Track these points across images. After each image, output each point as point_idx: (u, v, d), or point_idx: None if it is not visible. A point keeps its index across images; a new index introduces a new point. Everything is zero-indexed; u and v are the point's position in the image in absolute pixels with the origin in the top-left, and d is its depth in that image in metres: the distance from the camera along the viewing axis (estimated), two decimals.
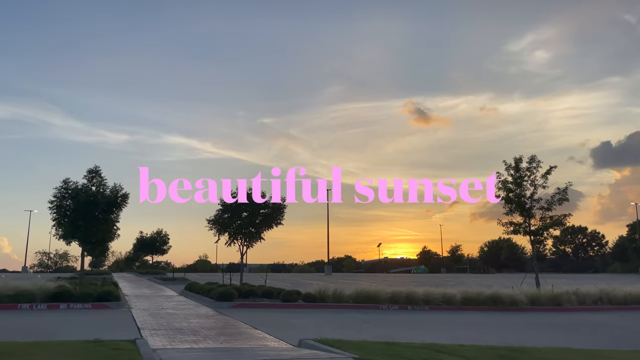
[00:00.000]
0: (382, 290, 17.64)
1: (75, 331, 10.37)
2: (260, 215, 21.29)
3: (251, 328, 11.33)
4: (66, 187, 20.64)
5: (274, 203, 21.22)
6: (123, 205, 21.17)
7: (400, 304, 17.21)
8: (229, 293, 16.60)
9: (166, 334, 10.18)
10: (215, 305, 16.15)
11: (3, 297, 14.32)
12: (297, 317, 13.97)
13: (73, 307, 14.89)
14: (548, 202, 21.92)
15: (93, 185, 20.87)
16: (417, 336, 10.34)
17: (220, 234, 21.71)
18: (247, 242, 21.56)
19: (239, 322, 12.41)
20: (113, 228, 22.23)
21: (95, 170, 21.04)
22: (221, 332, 10.62)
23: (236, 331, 10.88)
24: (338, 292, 17.14)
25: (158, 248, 53.10)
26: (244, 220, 21.28)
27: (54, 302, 14.87)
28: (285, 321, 13.00)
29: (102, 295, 15.67)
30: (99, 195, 20.44)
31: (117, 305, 15.52)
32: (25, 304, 14.39)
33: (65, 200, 20.50)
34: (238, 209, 21.29)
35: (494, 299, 17.91)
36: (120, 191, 21.07)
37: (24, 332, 10.10)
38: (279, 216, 21.38)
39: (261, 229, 21.40)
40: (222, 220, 21.57)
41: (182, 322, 12.21)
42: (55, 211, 20.38)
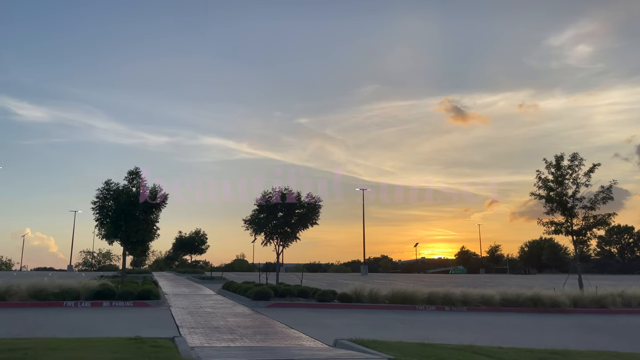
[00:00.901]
0: (418, 290, 17.45)
1: (117, 328, 10.68)
2: (295, 215, 21.39)
3: (287, 327, 11.40)
4: (108, 188, 21.23)
5: (309, 203, 21.29)
6: (162, 205, 21.62)
7: (437, 304, 16.99)
8: (265, 292, 16.76)
9: (204, 332, 10.36)
10: (251, 304, 16.34)
11: (49, 294, 14.89)
12: (333, 317, 13.97)
13: (115, 305, 15.34)
14: (591, 201, 21.23)
15: (133, 186, 21.39)
16: (454, 337, 10.18)
17: (257, 233, 21.93)
18: (282, 241, 21.70)
19: (274, 321, 12.51)
20: (153, 228, 22.71)
21: (135, 171, 21.57)
22: (257, 331, 10.73)
23: (272, 330, 10.97)
24: (374, 293, 17.06)
25: (196, 247, 54.15)
26: (279, 220, 21.42)
27: (97, 300, 15.36)
28: (320, 321, 13.02)
29: (142, 293, 16.08)
30: (139, 196, 20.94)
31: (156, 303, 15.89)
32: (70, 301, 14.92)
33: (107, 201, 21.09)
34: (274, 209, 21.46)
35: (534, 300, 17.46)
36: (159, 192, 21.52)
37: (69, 328, 10.47)
38: (314, 216, 21.43)
39: (296, 229, 21.51)
40: (258, 220, 21.77)
41: (220, 320, 12.40)
42: (98, 212, 21.00)
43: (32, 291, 14.84)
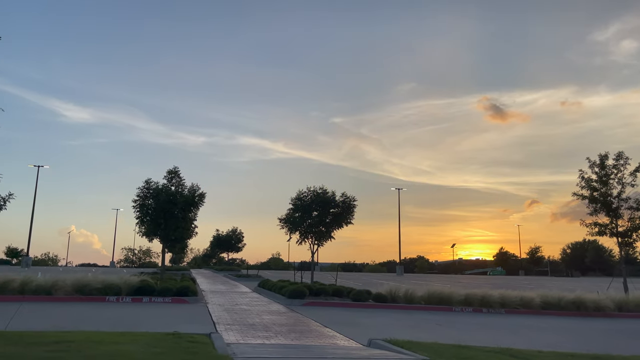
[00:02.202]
0: (455, 291, 17.20)
1: (156, 323, 10.96)
2: (330, 214, 21.44)
3: (321, 326, 11.44)
4: (148, 187, 21.82)
5: (343, 202, 21.29)
6: (200, 204, 22.05)
7: (475, 306, 16.70)
8: (300, 291, 16.86)
9: (239, 329, 10.51)
10: (287, 302, 16.47)
11: (93, 289, 15.41)
12: (367, 317, 13.94)
13: (154, 300, 15.74)
14: (637, 202, 20.44)
15: (172, 185, 21.92)
16: (491, 340, 9.99)
17: (292, 232, 22.08)
18: (317, 241, 21.78)
19: (309, 319, 12.57)
20: (191, 226, 23.20)
21: (174, 171, 22.09)
22: (292, 329, 10.81)
23: (307, 329, 11.03)
24: (409, 293, 16.92)
25: (233, 246, 54.89)
26: (314, 220, 21.51)
27: (138, 296, 15.79)
28: (355, 320, 13.01)
29: (180, 290, 16.44)
30: (177, 194, 21.43)
31: (194, 300, 16.22)
32: (112, 296, 15.40)
33: (147, 200, 21.67)
34: (308, 208, 21.56)
35: (576, 303, 16.95)
36: (197, 191, 21.97)
37: (111, 322, 10.81)
38: (349, 215, 21.42)
39: (331, 228, 21.55)
40: (293, 219, 21.92)
41: (255, 318, 12.56)
42: (139, 210, 21.60)
43: (77, 286, 15.39)
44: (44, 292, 15.01)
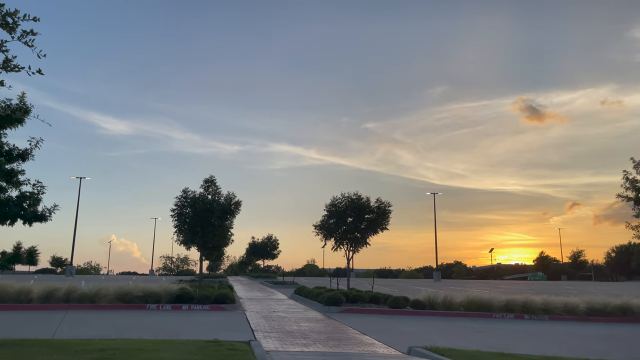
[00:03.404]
0: (495, 297, 16.82)
1: (196, 331, 11.12)
2: (365, 220, 21.33)
3: (359, 333, 11.37)
4: (185, 196, 22.18)
5: (378, 208, 21.15)
6: (236, 212, 22.28)
7: (516, 312, 16.29)
8: (337, 298, 16.80)
9: (278, 337, 10.54)
10: (323, 309, 16.45)
11: (134, 297, 15.77)
12: (406, 324, 13.76)
13: (193, 308, 15.97)
14: None
15: (209, 194, 22.22)
16: (534, 348, 9.71)
17: (327, 239, 22.06)
18: (352, 247, 21.68)
19: (347, 327, 12.51)
20: (228, 234, 23.46)
21: (210, 179, 22.41)
22: (330, 337, 10.78)
23: (345, 336, 10.98)
24: (448, 300, 16.63)
25: (268, 253, 55.32)
26: (349, 226, 21.44)
27: (177, 303, 16.06)
28: (393, 327, 12.87)
29: (218, 297, 16.64)
30: (214, 203, 21.72)
31: (232, 307, 16.38)
32: (152, 304, 15.71)
33: (184, 209, 22.03)
34: (343, 214, 21.51)
35: (623, 309, 16.32)
36: (233, 199, 22.21)
37: (152, 330, 11.03)
38: (384, 221, 21.26)
39: (366, 234, 21.42)
40: (328, 226, 21.89)
41: (293, 325, 12.58)
42: (177, 219, 21.98)
43: (119, 294, 15.78)
44: (88, 300, 15.46)
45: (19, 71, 4.98)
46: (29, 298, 15.04)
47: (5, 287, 15.04)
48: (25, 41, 5.07)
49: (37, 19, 4.77)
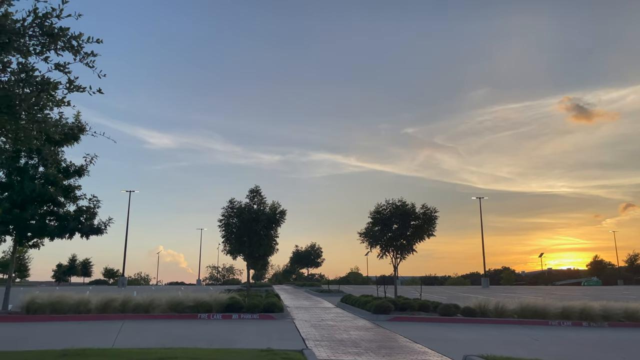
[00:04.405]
0: (550, 304, 16.26)
1: (249, 340, 11.24)
2: (410, 227, 21.08)
3: (411, 342, 11.21)
4: (232, 206, 22.57)
5: (424, 214, 20.87)
6: (281, 221, 22.48)
7: (573, 319, 15.69)
8: (385, 306, 16.65)
9: (329, 345, 10.53)
10: (372, 317, 16.32)
11: (186, 307, 16.12)
12: (457, 332, 13.48)
13: (243, 317, 16.17)
14: None
15: (254, 203, 22.53)
16: (596, 356, 9.31)
17: (372, 246, 21.92)
18: (399, 254, 21.45)
19: (397, 335, 12.36)
20: (273, 243, 23.70)
21: (255, 189, 22.73)
22: (382, 345, 10.67)
23: (396, 344, 10.85)
24: (500, 306, 16.20)
25: (312, 261, 55.43)
26: (394, 233, 21.23)
27: (227, 313, 16.30)
28: (445, 335, 12.62)
29: (267, 306, 16.79)
30: (260, 212, 22.00)
31: (280, 316, 16.49)
32: (203, 313, 16.01)
33: (231, 219, 22.41)
34: (388, 221, 21.32)
35: None
36: (278, 208, 22.43)
37: (206, 339, 11.23)
38: (431, 227, 20.93)
39: (413, 241, 21.15)
40: (373, 233, 21.75)
41: (343, 333, 12.54)
42: (224, 229, 22.38)
43: (171, 304, 16.16)
44: (142, 310, 15.90)
45: (83, 91, 5.20)
46: (88, 309, 15.61)
47: (65, 298, 15.67)
48: (86, 62, 5.29)
49: (100, 41, 5.00)
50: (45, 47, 4.86)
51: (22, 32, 4.71)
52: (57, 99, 5.12)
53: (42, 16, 4.68)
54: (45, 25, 4.71)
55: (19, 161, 16.32)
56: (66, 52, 5.15)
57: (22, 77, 5.09)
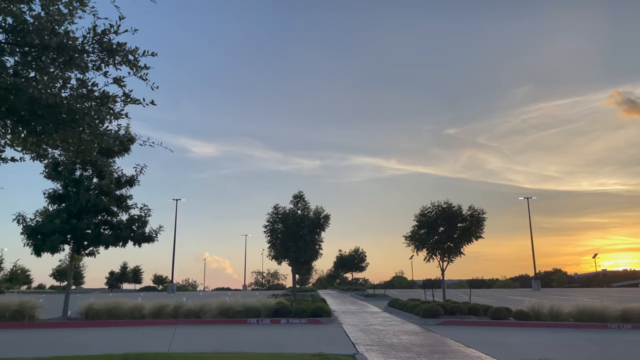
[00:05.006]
0: (609, 306, 15.59)
1: (299, 344, 11.30)
2: (457, 229, 20.71)
3: (463, 346, 10.98)
4: (276, 212, 22.82)
5: (471, 215, 20.46)
6: (325, 225, 22.54)
7: (634, 322, 15.00)
8: (434, 310, 16.39)
9: (380, 350, 10.45)
10: (420, 322, 16.10)
11: (235, 312, 16.37)
12: (511, 336, 13.12)
13: (291, 322, 16.26)
14: None
15: (298, 209, 22.70)
16: None
17: (418, 250, 21.66)
18: (446, 257, 21.10)
19: (449, 339, 12.14)
20: (317, 247, 23.78)
21: (299, 195, 22.90)
22: (434, 350, 10.51)
23: (449, 349, 10.65)
24: (555, 309, 15.66)
25: (356, 265, 55.31)
26: (441, 236, 20.91)
27: (276, 317, 16.45)
28: (498, 340, 12.31)
29: (314, 311, 16.84)
30: (304, 217, 22.14)
31: (328, 320, 16.49)
32: (253, 318, 16.21)
33: (276, 224, 22.65)
34: (434, 224, 21.04)
35: None
36: (322, 213, 22.51)
37: (257, 343, 11.36)
38: (479, 229, 20.51)
39: (460, 244, 20.77)
40: (419, 236, 21.51)
41: (393, 338, 12.42)
42: (269, 234, 22.63)
43: (221, 309, 16.45)
44: (193, 315, 16.26)
45: (138, 104, 5.39)
46: (142, 314, 16.09)
47: (120, 305, 16.22)
48: (140, 75, 5.47)
49: (155, 54, 5.18)
50: (104, 63, 5.08)
51: (82, 49, 4.93)
52: (115, 111, 5.33)
53: (101, 33, 4.89)
54: (104, 42, 4.92)
55: (75, 173, 17.04)
56: (122, 65, 5.35)
57: (82, 92, 5.32)
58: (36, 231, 16.25)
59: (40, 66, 4.86)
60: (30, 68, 4.98)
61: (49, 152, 5.90)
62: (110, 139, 5.52)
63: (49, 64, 4.88)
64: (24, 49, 4.78)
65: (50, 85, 4.99)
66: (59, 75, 5.13)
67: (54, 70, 5.02)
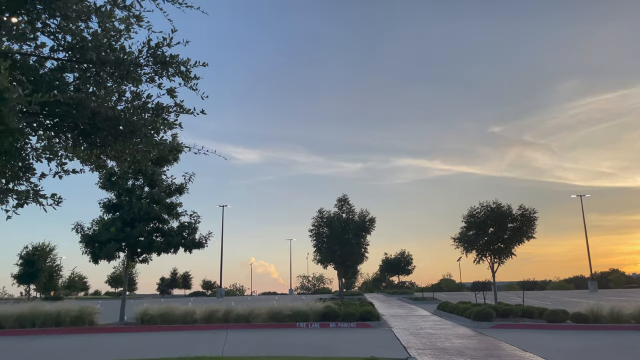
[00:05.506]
0: None
1: (350, 348, 11.27)
2: (508, 229, 20.17)
3: (520, 350, 10.65)
4: (321, 216, 22.93)
5: (522, 215, 19.88)
6: (371, 228, 22.47)
7: None
8: (486, 313, 16.00)
9: (432, 354, 10.28)
10: (472, 325, 15.75)
11: (285, 317, 16.50)
12: (569, 339, 12.63)
13: (340, 325, 16.25)
14: None
15: (343, 212, 22.73)
16: None
17: (467, 251, 21.22)
18: (497, 258, 20.58)
19: (503, 343, 11.82)
20: (363, 251, 23.71)
21: (343, 198, 22.93)
22: (488, 354, 10.25)
23: (504, 353, 10.36)
24: (616, 311, 14.98)
25: (402, 268, 54.67)
26: (491, 237, 20.42)
27: (324, 321, 16.47)
28: (556, 343, 11.88)
29: (363, 315, 16.76)
30: (349, 221, 22.13)
31: (377, 324, 16.38)
32: (302, 322, 16.29)
33: (321, 228, 22.76)
34: (483, 224, 20.57)
35: None
36: (367, 216, 22.45)
37: (309, 347, 11.41)
38: (530, 229, 19.90)
39: (511, 245, 20.21)
40: (468, 238, 21.07)
41: (445, 342, 12.20)
42: (315, 238, 22.76)
43: (271, 314, 16.62)
44: (243, 320, 16.49)
45: (190, 114, 5.53)
46: (194, 319, 16.46)
47: (173, 310, 16.65)
48: (190, 86, 5.61)
49: (206, 64, 5.30)
50: (157, 75, 5.24)
51: (137, 63, 5.11)
52: (169, 122, 5.49)
53: (155, 46, 5.05)
54: (158, 54, 5.09)
55: (127, 183, 17.66)
56: (175, 77, 5.51)
57: (137, 104, 5.51)
58: (93, 239, 16.92)
59: (99, 81, 5.06)
60: (88, 83, 5.20)
61: (107, 163, 6.12)
62: (166, 148, 5.69)
63: (107, 79, 5.08)
64: (84, 66, 5.00)
65: (107, 99, 5.20)
66: (115, 89, 5.34)
67: (111, 85, 5.22)
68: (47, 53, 5.00)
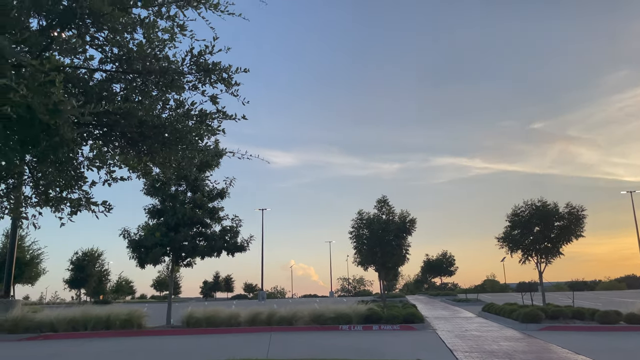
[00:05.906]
0: None
1: (395, 351, 11.15)
2: (555, 228, 19.55)
3: (572, 353, 10.29)
4: (360, 217, 22.81)
5: (569, 213, 19.24)
6: (412, 229, 22.19)
7: None
8: (534, 314, 15.56)
9: (480, 357, 10.06)
10: (520, 327, 15.35)
11: (327, 319, 16.49)
12: (624, 341, 12.13)
13: (383, 328, 16.11)
14: None
15: (383, 213, 22.54)
16: None
17: (512, 251, 20.69)
18: (543, 258, 19.97)
19: (554, 346, 11.45)
20: (404, 252, 23.44)
21: (383, 199, 22.73)
22: (539, 357, 9.95)
23: (555, 356, 10.03)
24: None
25: (445, 269, 53.89)
26: (537, 236, 19.84)
27: (367, 324, 16.37)
28: (610, 345, 11.43)
29: (407, 317, 16.58)
30: (389, 222, 21.94)
31: (421, 327, 16.16)
32: (344, 325, 16.25)
33: (361, 230, 22.64)
34: (528, 223, 20.01)
35: None
36: (407, 217, 22.19)
37: (353, 350, 11.36)
38: (578, 227, 19.23)
39: (558, 244, 19.58)
40: (512, 237, 20.54)
41: (492, 344, 11.91)
42: (355, 240, 22.65)
43: (313, 316, 16.65)
44: (286, 322, 16.59)
45: (232, 119, 5.61)
46: (238, 322, 16.68)
47: (217, 313, 16.91)
48: (231, 92, 5.69)
49: (247, 70, 5.38)
50: (200, 82, 5.35)
51: (181, 71, 5.23)
52: (212, 128, 5.59)
53: (197, 54, 5.16)
54: (200, 62, 5.19)
55: (170, 188, 18.09)
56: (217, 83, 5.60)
57: (181, 112, 5.63)
58: (140, 244, 17.41)
59: (145, 90, 5.21)
60: (135, 93, 5.35)
61: (153, 170, 6.28)
62: (210, 154, 5.79)
63: (152, 88, 5.22)
64: (130, 76, 5.15)
65: (152, 107, 5.33)
66: (159, 98, 5.47)
67: (156, 93, 5.36)
68: (95, 65, 5.18)
